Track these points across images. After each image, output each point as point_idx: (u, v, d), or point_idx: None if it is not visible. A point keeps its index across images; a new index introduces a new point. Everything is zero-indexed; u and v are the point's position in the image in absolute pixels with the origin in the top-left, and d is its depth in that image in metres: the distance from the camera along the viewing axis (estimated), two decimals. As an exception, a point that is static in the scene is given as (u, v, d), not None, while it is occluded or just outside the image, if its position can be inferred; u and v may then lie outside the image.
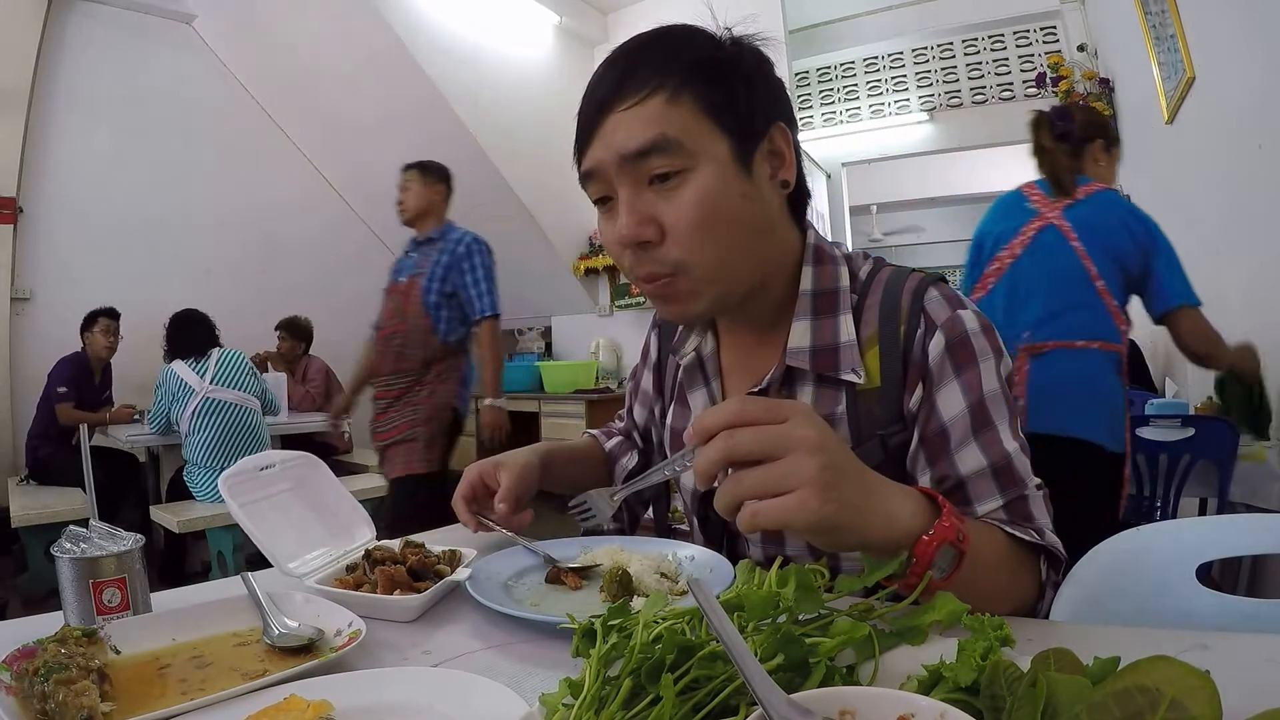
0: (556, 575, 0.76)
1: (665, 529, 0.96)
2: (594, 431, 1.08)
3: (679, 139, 0.65)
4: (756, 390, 0.76)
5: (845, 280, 0.75)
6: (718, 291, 0.70)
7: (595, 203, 0.72)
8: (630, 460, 1.02)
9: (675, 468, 0.54)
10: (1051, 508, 0.69)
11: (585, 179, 0.72)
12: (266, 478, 0.84)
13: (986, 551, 0.60)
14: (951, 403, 0.69)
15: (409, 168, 2.90)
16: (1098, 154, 1.93)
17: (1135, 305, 1.85)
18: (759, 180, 0.69)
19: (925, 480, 0.70)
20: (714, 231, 0.66)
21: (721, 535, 0.82)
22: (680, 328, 0.89)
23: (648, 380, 0.98)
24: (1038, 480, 0.69)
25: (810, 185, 0.80)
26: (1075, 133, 1.89)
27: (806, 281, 0.75)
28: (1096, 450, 1.70)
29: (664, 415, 0.93)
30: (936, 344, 0.69)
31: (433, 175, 2.90)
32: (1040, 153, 1.88)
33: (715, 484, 0.50)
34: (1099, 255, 1.75)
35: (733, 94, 0.67)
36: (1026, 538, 0.64)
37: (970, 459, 0.68)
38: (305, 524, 0.84)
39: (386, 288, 2.79)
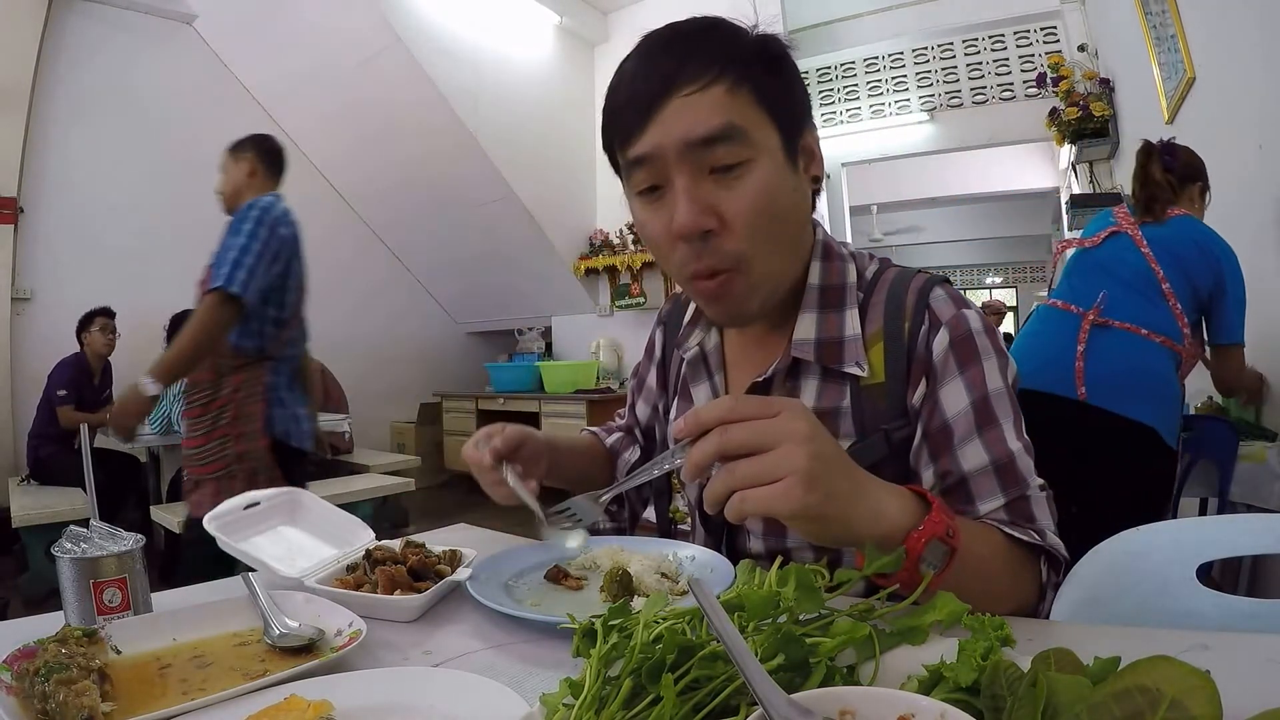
0: (556, 575, 0.76)
1: (667, 528, 0.95)
2: (593, 429, 1.06)
3: (744, 128, 0.64)
4: (761, 380, 0.76)
5: (852, 277, 0.76)
6: (770, 289, 0.71)
7: (639, 193, 0.69)
8: (633, 455, 1.00)
9: (665, 465, 0.55)
10: (1055, 510, 0.69)
11: (634, 165, 0.67)
12: (254, 515, 0.84)
13: (982, 551, 0.60)
14: (955, 399, 0.69)
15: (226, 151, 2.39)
16: (1195, 196, 2.01)
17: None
18: (800, 174, 0.70)
19: (928, 476, 0.70)
20: (772, 224, 0.67)
21: (722, 530, 0.82)
22: (685, 322, 0.88)
23: (652, 377, 0.98)
24: (1041, 481, 0.69)
25: None
26: (1179, 169, 1.97)
27: (814, 276, 0.76)
28: (1154, 437, 1.72)
29: (668, 411, 0.94)
30: (940, 340, 0.70)
31: (240, 149, 2.37)
32: (1146, 181, 1.93)
33: (706, 479, 0.51)
34: (1168, 265, 1.82)
35: (784, 88, 0.68)
36: (1025, 538, 0.64)
37: (973, 456, 0.68)
38: (307, 544, 0.84)
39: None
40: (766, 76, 0.66)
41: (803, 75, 0.74)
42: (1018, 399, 0.72)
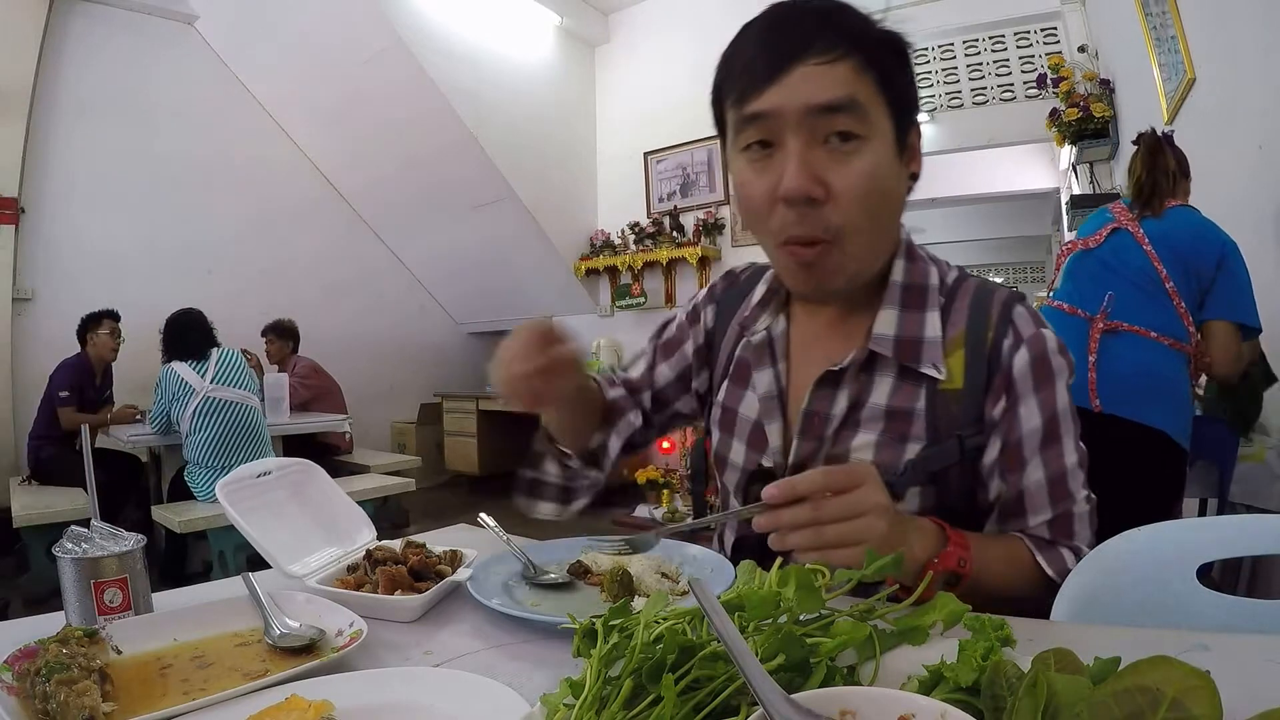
0: (579, 570, 0.76)
1: (701, 509, 0.96)
2: (595, 376, 0.95)
3: (866, 106, 0.65)
4: (836, 369, 0.75)
5: (935, 280, 0.77)
6: (858, 269, 0.71)
7: (746, 149, 0.69)
8: (635, 419, 0.93)
9: (746, 514, 0.61)
10: (1097, 520, 0.74)
11: (747, 121, 0.68)
12: (264, 484, 0.84)
13: (996, 578, 0.68)
14: (1028, 418, 0.72)
15: None
16: (1188, 191, 2.02)
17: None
18: (903, 167, 0.71)
19: (994, 486, 0.74)
20: (875, 205, 0.67)
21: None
22: (753, 302, 0.85)
23: (690, 348, 0.92)
24: (1087, 493, 0.73)
25: None
26: (1184, 162, 1.97)
27: (898, 274, 0.76)
28: (1168, 442, 1.73)
29: (707, 390, 0.92)
30: (1021, 358, 0.72)
31: None
32: (1154, 169, 1.92)
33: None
34: (1170, 261, 1.81)
35: (905, 80, 0.70)
36: (1049, 570, 0.70)
37: (1034, 472, 0.72)
38: (305, 528, 0.84)
39: None
40: (892, 66, 0.67)
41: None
42: None
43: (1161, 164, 1.92)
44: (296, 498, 0.87)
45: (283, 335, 4.50)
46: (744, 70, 0.68)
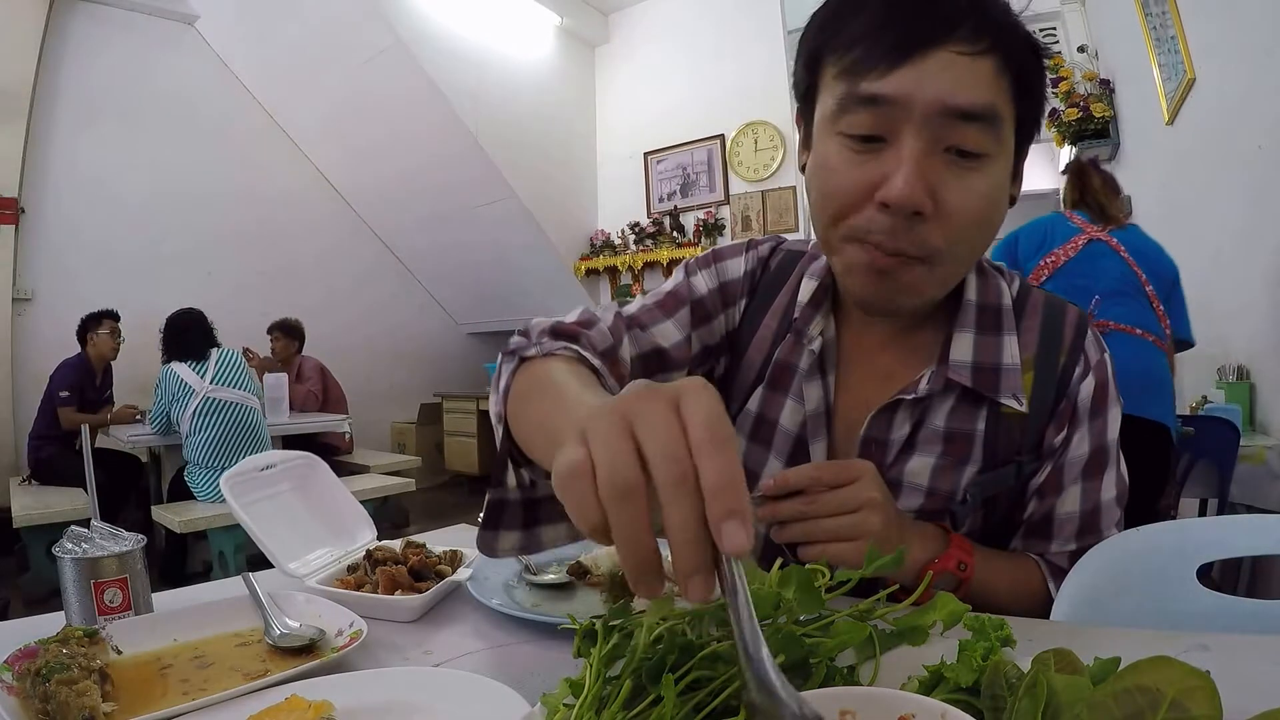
0: (578, 570, 0.76)
1: None
2: (576, 349, 0.56)
3: (1004, 119, 0.56)
4: (910, 399, 0.67)
5: (1008, 298, 0.70)
6: (935, 295, 0.64)
7: (847, 135, 0.57)
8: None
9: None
10: None
11: (861, 102, 0.55)
12: (268, 477, 0.84)
13: (1001, 587, 0.67)
14: (1078, 445, 0.69)
15: None
16: (1125, 206, 2.19)
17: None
18: (1009, 190, 0.63)
19: (1030, 507, 0.71)
20: (981, 232, 0.60)
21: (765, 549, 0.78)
22: (803, 302, 0.72)
23: (721, 324, 0.77)
24: (1117, 531, 0.71)
25: None
26: (1111, 181, 2.10)
27: (971, 292, 0.69)
28: (1165, 433, 1.78)
29: (718, 380, 0.79)
30: (1087, 385, 0.69)
31: None
32: (1088, 190, 2.06)
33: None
34: (1146, 269, 1.91)
35: (1039, 93, 0.60)
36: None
37: (1069, 501, 0.70)
38: (306, 524, 0.84)
39: None
40: (1033, 73, 0.58)
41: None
42: None
43: (1092, 185, 2.04)
44: (299, 491, 0.87)
45: (289, 334, 4.50)
46: (867, 36, 0.55)
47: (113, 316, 3.74)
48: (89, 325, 3.70)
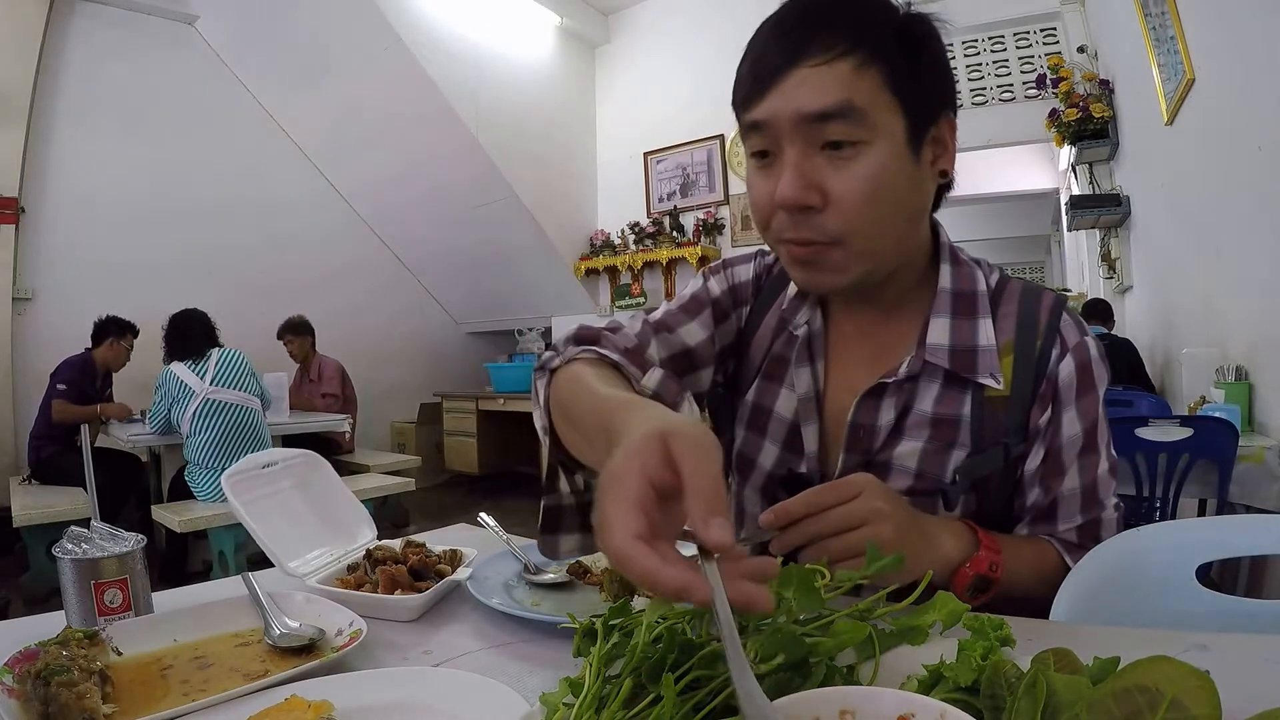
0: (578, 570, 0.76)
1: None
2: (618, 360, 0.63)
3: (864, 109, 0.62)
4: (891, 381, 0.72)
5: (984, 285, 0.75)
6: (865, 269, 0.68)
7: (752, 155, 0.69)
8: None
9: (755, 540, 0.61)
10: (1123, 526, 0.75)
11: (750, 129, 0.67)
12: (269, 475, 0.84)
13: (1025, 577, 0.69)
14: (1069, 428, 0.72)
15: None
16: None
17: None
18: (923, 165, 0.67)
19: (1033, 495, 0.74)
20: (877, 210, 0.64)
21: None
22: (790, 295, 0.81)
23: (733, 323, 0.84)
24: (1117, 500, 0.74)
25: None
26: None
27: (945, 280, 0.74)
28: None
29: (737, 377, 0.85)
30: (1066, 366, 0.72)
31: None
32: None
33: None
34: None
35: (918, 73, 0.65)
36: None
37: (1069, 481, 0.73)
38: (307, 522, 0.84)
39: None
40: (901, 59, 0.63)
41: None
42: None
43: None
44: (300, 489, 0.87)
45: (299, 332, 4.50)
46: (747, 75, 0.66)
47: (132, 330, 3.74)
48: (110, 330, 3.68)
